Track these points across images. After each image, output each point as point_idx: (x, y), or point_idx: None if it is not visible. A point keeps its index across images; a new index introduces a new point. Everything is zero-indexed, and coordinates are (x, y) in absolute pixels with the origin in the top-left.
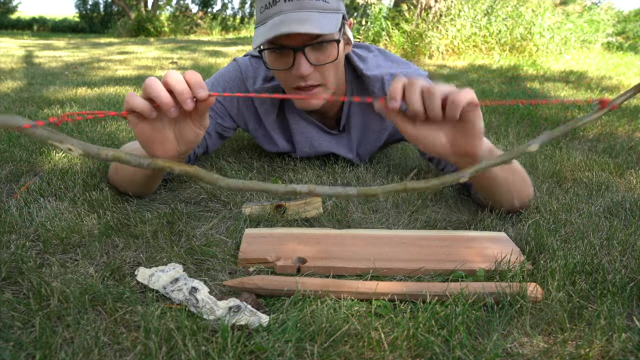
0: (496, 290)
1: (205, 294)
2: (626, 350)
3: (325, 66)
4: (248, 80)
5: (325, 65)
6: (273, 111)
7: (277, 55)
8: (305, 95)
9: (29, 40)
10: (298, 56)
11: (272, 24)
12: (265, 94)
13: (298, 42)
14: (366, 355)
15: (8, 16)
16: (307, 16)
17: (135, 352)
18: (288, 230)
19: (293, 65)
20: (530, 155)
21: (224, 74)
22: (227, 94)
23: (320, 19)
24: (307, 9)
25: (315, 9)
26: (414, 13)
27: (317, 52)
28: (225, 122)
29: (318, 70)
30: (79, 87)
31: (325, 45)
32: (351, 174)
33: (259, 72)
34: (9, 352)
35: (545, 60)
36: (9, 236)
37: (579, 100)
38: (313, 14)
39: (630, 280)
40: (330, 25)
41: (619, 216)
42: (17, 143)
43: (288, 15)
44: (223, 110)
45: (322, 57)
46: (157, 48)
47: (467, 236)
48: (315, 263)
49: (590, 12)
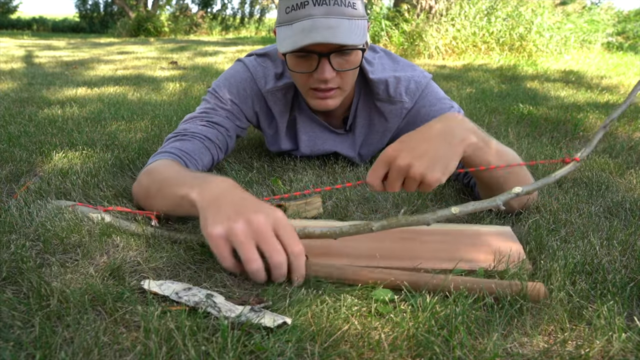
0: (496, 289)
1: (222, 299)
2: (626, 350)
3: (347, 71)
4: (259, 80)
5: (348, 70)
6: (286, 111)
7: (302, 59)
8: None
9: (29, 40)
10: (322, 61)
11: (301, 28)
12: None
13: (324, 49)
14: (366, 355)
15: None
16: (337, 23)
17: (135, 352)
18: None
19: (316, 69)
20: (531, 156)
21: (234, 75)
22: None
23: (350, 26)
24: (337, 15)
25: (345, 15)
26: (414, 13)
27: (341, 59)
28: (242, 122)
29: (339, 75)
30: (79, 87)
31: (350, 52)
32: (351, 174)
33: (268, 72)
34: (9, 352)
35: (545, 60)
36: (9, 236)
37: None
38: (343, 20)
39: (630, 280)
40: (359, 35)
41: (619, 216)
42: (17, 143)
43: (318, 21)
44: (239, 111)
45: (345, 63)
46: (157, 48)
47: (471, 231)
48: (316, 258)
49: (590, 12)
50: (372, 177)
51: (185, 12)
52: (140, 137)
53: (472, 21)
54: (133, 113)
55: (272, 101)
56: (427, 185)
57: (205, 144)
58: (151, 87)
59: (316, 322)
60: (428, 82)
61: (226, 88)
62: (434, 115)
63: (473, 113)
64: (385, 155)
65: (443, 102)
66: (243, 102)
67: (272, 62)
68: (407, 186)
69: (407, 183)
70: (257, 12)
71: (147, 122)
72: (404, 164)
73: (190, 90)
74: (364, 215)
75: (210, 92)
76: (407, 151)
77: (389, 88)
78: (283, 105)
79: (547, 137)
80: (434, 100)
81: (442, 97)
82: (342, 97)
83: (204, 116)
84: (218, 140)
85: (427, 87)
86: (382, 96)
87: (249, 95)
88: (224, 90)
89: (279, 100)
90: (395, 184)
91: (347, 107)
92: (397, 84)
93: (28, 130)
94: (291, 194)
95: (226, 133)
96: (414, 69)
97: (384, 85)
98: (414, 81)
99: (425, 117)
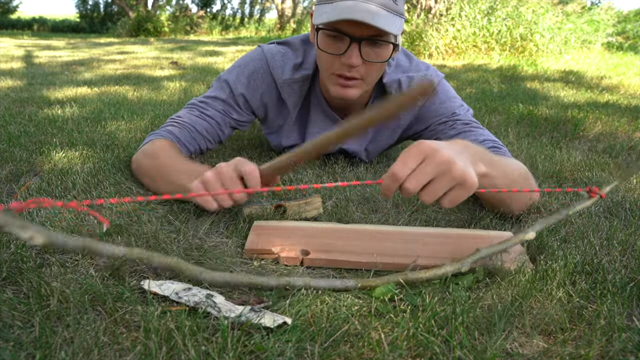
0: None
1: (222, 299)
2: (626, 350)
3: (373, 64)
4: (275, 70)
5: (374, 63)
6: (299, 104)
7: (333, 40)
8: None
9: (29, 40)
10: (352, 46)
11: (343, 7)
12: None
13: (358, 33)
14: (366, 355)
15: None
16: (377, 11)
17: (135, 352)
18: (295, 223)
19: (345, 53)
20: (531, 156)
21: (248, 64)
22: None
23: (388, 17)
24: (378, 3)
25: (386, 7)
26: (414, 13)
27: (371, 49)
28: (243, 116)
29: (365, 65)
30: (79, 86)
31: (381, 44)
32: (351, 174)
33: (287, 61)
34: (9, 352)
35: (545, 60)
36: (9, 236)
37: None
38: (382, 10)
39: (630, 280)
40: (395, 27)
41: (619, 216)
42: (17, 143)
43: (359, 4)
44: (244, 103)
45: (374, 54)
46: (157, 48)
47: (473, 235)
48: (318, 255)
49: (590, 12)
50: (401, 169)
51: (185, 12)
52: (140, 137)
53: (472, 21)
54: (133, 113)
55: (287, 92)
56: (467, 187)
57: (193, 135)
58: (151, 87)
59: (316, 322)
60: (440, 81)
61: (237, 78)
62: (443, 112)
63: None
64: (423, 145)
65: (453, 100)
66: (252, 94)
67: (293, 52)
68: (435, 188)
69: (438, 184)
70: (257, 12)
71: (147, 122)
72: (446, 157)
73: (190, 90)
74: (363, 215)
75: (218, 80)
76: (448, 148)
77: (402, 86)
78: (297, 97)
79: (547, 137)
80: (444, 98)
81: (453, 95)
82: (363, 90)
83: (202, 106)
84: (207, 133)
85: (439, 86)
86: (396, 95)
87: (259, 87)
88: (233, 80)
89: (294, 92)
90: (424, 179)
91: (364, 104)
92: (410, 83)
93: (28, 130)
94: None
95: (217, 126)
96: (427, 68)
97: (396, 84)
98: (427, 79)
99: (434, 113)
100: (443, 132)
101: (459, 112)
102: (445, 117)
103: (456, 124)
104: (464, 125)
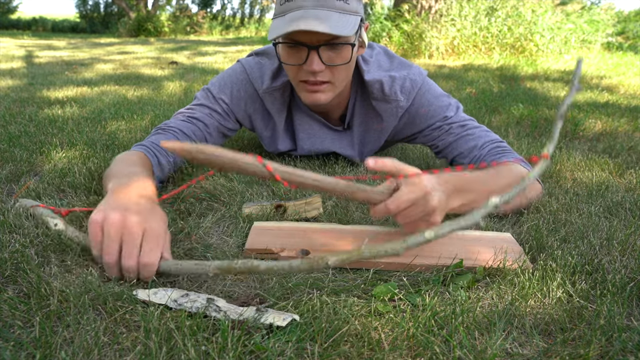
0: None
1: (224, 302)
2: (626, 350)
3: (337, 66)
4: (255, 81)
5: (337, 65)
6: (283, 109)
7: (292, 50)
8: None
9: (29, 40)
10: (312, 54)
11: (291, 18)
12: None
13: (313, 41)
14: (366, 355)
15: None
16: (327, 15)
17: (135, 352)
18: (295, 223)
19: (306, 61)
20: (531, 156)
21: (230, 75)
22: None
23: (339, 19)
24: (328, 7)
25: (336, 9)
26: (414, 13)
27: (330, 52)
28: (229, 123)
29: (330, 69)
30: (79, 86)
31: (340, 46)
32: (351, 174)
33: (265, 70)
34: (9, 351)
35: (545, 60)
36: (9, 236)
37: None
38: (333, 13)
39: (630, 280)
40: (347, 28)
41: (619, 216)
42: (17, 143)
43: (308, 12)
44: (228, 110)
45: (335, 57)
46: (157, 48)
47: (472, 235)
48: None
49: (590, 12)
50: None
51: (185, 12)
52: (140, 137)
53: (472, 21)
54: (133, 113)
55: (269, 101)
56: (429, 223)
57: (178, 136)
58: (151, 87)
59: (316, 322)
60: (424, 80)
61: (220, 88)
62: (432, 114)
63: (473, 113)
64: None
65: (440, 99)
66: (235, 103)
67: (270, 60)
68: (410, 212)
69: (413, 211)
70: (257, 12)
71: (147, 122)
72: (433, 206)
73: (190, 90)
74: (363, 215)
75: (203, 90)
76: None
77: (384, 87)
78: (280, 104)
79: (547, 137)
80: (432, 98)
81: (439, 94)
82: (334, 92)
83: (188, 112)
84: (195, 135)
85: (423, 86)
86: (377, 95)
87: (242, 97)
88: (217, 90)
89: (276, 100)
90: (407, 213)
91: (345, 106)
92: (392, 83)
93: (28, 130)
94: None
95: (205, 129)
96: (409, 67)
97: (378, 84)
98: (409, 79)
99: (424, 117)
100: (440, 139)
101: (450, 115)
102: (439, 122)
103: (452, 129)
104: (461, 129)
